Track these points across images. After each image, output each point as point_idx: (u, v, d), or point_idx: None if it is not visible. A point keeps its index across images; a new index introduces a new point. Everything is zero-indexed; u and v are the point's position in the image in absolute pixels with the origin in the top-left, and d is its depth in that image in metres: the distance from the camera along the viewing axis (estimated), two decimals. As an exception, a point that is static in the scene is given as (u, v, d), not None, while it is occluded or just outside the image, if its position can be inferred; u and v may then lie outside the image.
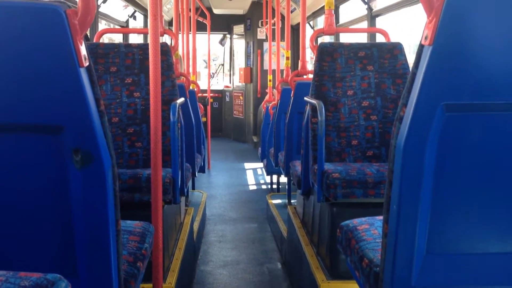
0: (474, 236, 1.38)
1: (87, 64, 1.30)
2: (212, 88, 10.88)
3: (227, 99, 12.14)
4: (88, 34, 4.69)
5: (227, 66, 12.84)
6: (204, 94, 9.57)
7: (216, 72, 13.26)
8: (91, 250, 1.34)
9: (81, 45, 1.28)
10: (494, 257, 1.39)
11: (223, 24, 11.49)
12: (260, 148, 7.06)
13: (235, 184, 7.24)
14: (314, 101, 2.99)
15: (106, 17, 6.22)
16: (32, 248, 1.36)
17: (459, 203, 1.36)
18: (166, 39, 8.73)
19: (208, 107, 9.15)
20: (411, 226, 1.33)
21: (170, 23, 10.58)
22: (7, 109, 1.27)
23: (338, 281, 2.77)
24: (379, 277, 1.46)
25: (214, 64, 14.39)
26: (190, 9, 7.95)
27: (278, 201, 5.42)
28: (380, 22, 5.61)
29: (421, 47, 1.30)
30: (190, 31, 7.94)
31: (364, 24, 6.13)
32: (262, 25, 10.68)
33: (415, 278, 1.36)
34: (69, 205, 1.32)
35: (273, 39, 8.57)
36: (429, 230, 1.35)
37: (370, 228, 1.78)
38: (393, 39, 3.75)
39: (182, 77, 4.85)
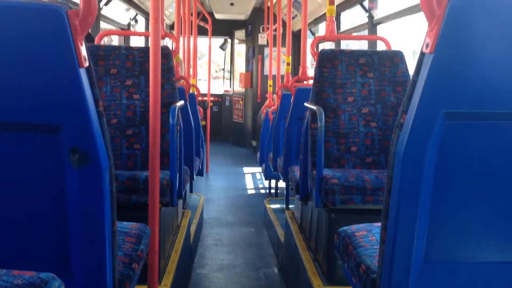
0: (473, 245, 1.38)
1: (87, 65, 1.30)
2: (212, 92, 10.89)
3: (227, 103, 12.14)
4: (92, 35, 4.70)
5: (227, 70, 12.86)
6: (204, 98, 9.57)
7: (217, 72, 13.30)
8: (86, 250, 1.33)
9: (82, 46, 1.28)
10: (492, 266, 1.38)
11: (225, 29, 11.49)
12: (259, 153, 7.06)
13: (233, 188, 7.23)
14: (314, 107, 2.99)
15: (108, 20, 6.22)
16: (27, 246, 1.35)
17: (458, 211, 1.35)
18: (167, 43, 8.75)
19: (208, 111, 9.15)
20: (409, 234, 1.32)
21: (171, 27, 10.60)
22: (5, 107, 1.26)
23: (334, 287, 2.76)
24: (376, 284, 1.45)
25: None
26: (191, 14, 7.96)
27: (276, 206, 5.41)
28: (381, 30, 5.62)
29: (422, 55, 1.30)
30: (191, 35, 7.95)
31: (365, 32, 6.13)
32: (263, 30, 10.70)
33: (412, 285, 1.35)
34: (65, 204, 1.31)
35: (274, 45, 8.58)
36: (427, 238, 1.34)
37: (368, 235, 1.77)
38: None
39: (182, 80, 4.85)
